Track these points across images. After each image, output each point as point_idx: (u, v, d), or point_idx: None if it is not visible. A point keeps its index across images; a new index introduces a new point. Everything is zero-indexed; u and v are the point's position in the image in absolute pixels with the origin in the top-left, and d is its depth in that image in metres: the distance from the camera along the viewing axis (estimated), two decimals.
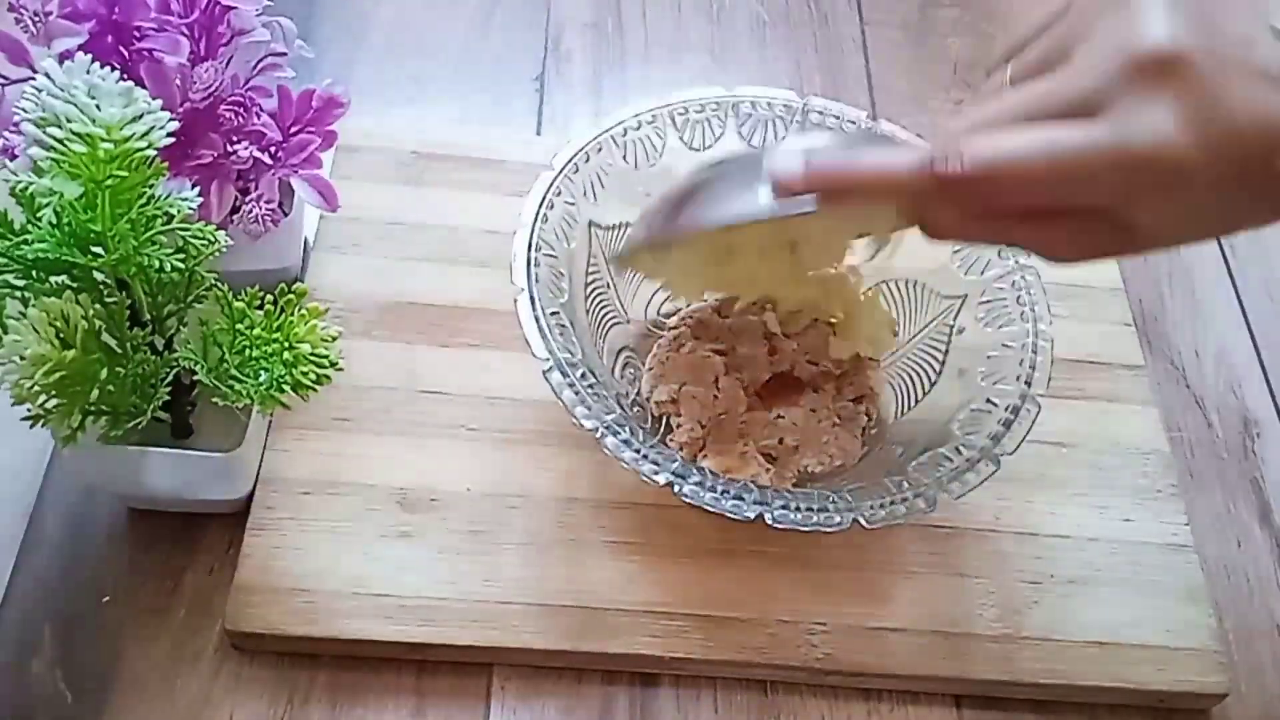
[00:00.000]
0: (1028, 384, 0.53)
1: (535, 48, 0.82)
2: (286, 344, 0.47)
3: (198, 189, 0.47)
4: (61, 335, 0.44)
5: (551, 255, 0.55)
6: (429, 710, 0.53)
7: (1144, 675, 0.56)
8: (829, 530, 0.48)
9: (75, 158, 0.42)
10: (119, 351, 0.47)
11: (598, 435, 0.49)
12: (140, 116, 0.44)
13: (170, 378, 0.49)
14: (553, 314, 0.53)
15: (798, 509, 0.49)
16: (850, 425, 0.60)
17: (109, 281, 0.47)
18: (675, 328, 0.62)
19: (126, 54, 0.51)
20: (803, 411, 0.60)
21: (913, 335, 0.61)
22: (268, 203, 0.55)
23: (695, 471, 0.50)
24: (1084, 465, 0.63)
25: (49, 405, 0.45)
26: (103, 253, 0.44)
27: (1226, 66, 0.34)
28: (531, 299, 0.52)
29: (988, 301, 0.57)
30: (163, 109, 0.45)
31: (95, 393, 0.45)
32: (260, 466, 0.57)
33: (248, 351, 0.47)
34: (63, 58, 0.46)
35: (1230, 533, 0.64)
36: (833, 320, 0.62)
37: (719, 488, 0.49)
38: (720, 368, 0.61)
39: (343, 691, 0.53)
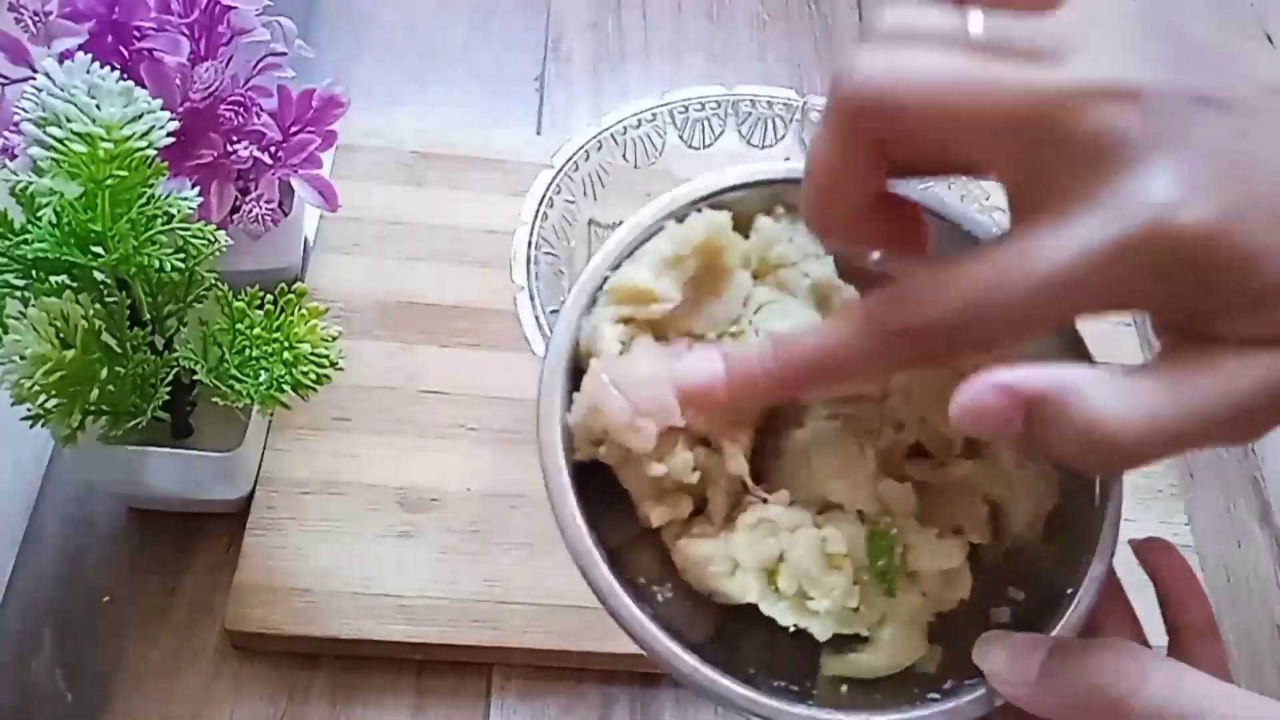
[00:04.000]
0: None
1: (535, 48, 0.82)
2: (286, 344, 0.47)
3: (198, 189, 0.47)
4: (61, 335, 0.44)
5: (551, 254, 0.55)
6: (429, 710, 0.53)
7: None
8: None
9: (75, 158, 0.42)
10: (119, 351, 0.47)
11: None
12: (140, 116, 0.44)
13: (170, 378, 0.49)
14: (553, 312, 0.52)
15: None
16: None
17: (109, 281, 0.47)
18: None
19: (126, 54, 0.51)
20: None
21: None
22: (268, 203, 0.55)
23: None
24: None
25: (49, 405, 0.45)
26: (103, 253, 0.44)
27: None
28: (531, 297, 0.52)
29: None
30: (163, 109, 0.45)
31: (95, 393, 0.45)
32: (260, 466, 0.57)
33: (248, 351, 0.47)
34: (63, 58, 0.46)
35: (1230, 533, 0.64)
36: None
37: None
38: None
39: (343, 691, 0.53)
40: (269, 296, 0.48)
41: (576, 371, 0.35)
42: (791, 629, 0.34)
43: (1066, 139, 0.26)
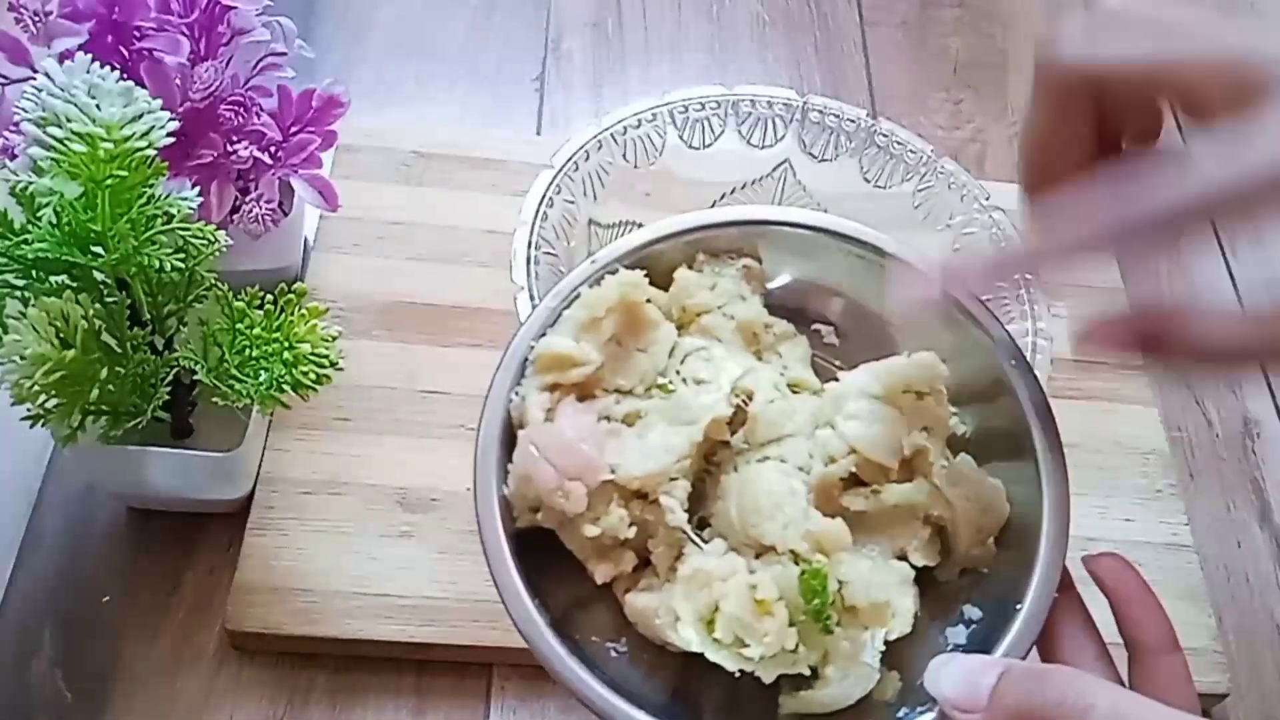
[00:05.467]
0: None
1: (535, 48, 0.82)
2: (286, 344, 0.47)
3: (198, 189, 0.47)
4: (61, 335, 0.44)
5: (551, 254, 0.55)
6: (429, 710, 0.53)
7: None
8: None
9: (75, 158, 0.42)
10: (119, 351, 0.47)
11: None
12: (140, 116, 0.44)
13: (170, 378, 0.49)
14: None
15: None
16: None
17: (109, 281, 0.47)
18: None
19: (126, 54, 0.51)
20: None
21: None
22: (268, 203, 0.55)
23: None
24: (1084, 465, 0.62)
25: (49, 405, 0.45)
26: (103, 253, 0.44)
27: None
28: (531, 297, 0.52)
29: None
30: (163, 109, 0.45)
31: (95, 393, 0.45)
32: (260, 466, 0.57)
33: (248, 351, 0.47)
34: (63, 58, 0.46)
35: (1230, 533, 0.64)
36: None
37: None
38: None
39: (343, 691, 0.53)
40: (269, 296, 0.48)
41: (511, 442, 0.36)
42: (738, 674, 0.34)
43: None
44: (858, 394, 0.38)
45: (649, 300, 0.39)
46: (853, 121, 0.61)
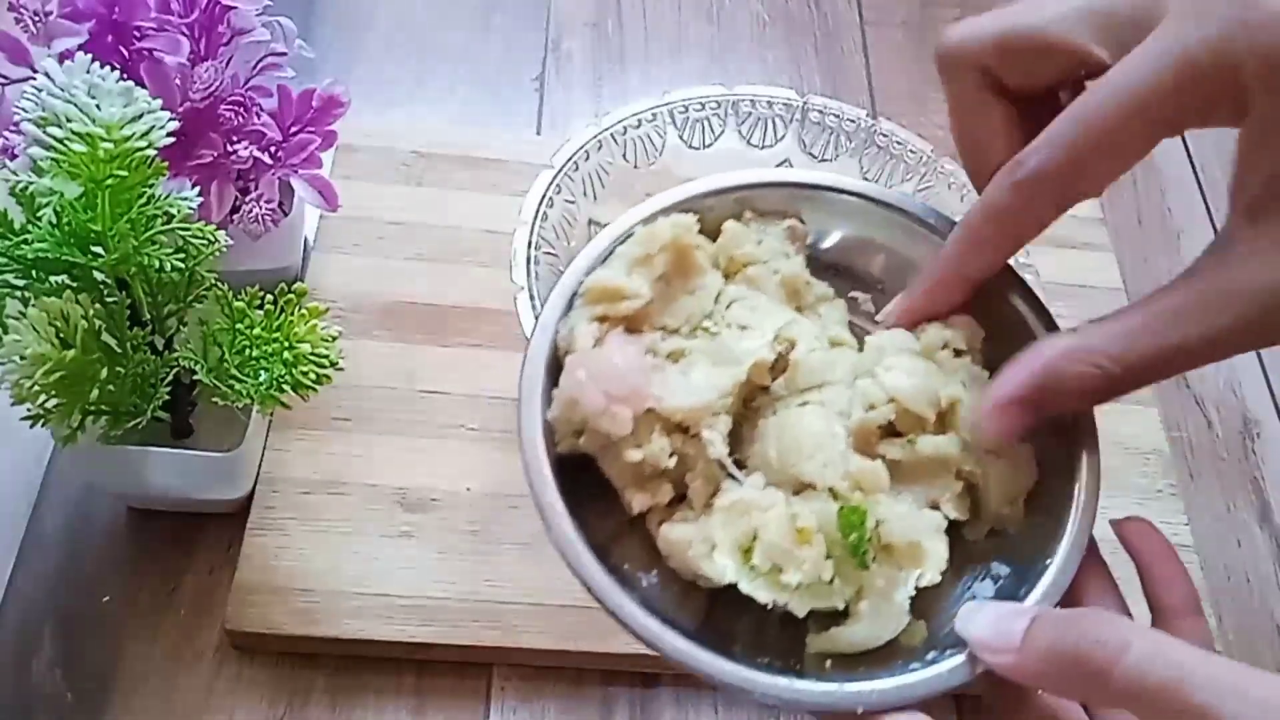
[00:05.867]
0: None
1: (535, 48, 0.82)
2: (286, 344, 0.47)
3: (198, 189, 0.47)
4: (61, 335, 0.44)
5: (551, 254, 0.55)
6: (429, 710, 0.53)
7: None
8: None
9: (75, 158, 0.42)
10: (119, 351, 0.47)
11: None
12: (140, 116, 0.44)
13: (170, 378, 0.49)
14: None
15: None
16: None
17: (109, 281, 0.47)
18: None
19: (126, 54, 0.51)
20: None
21: None
22: (268, 203, 0.55)
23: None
24: None
25: (49, 405, 0.45)
26: (103, 253, 0.44)
27: None
28: (531, 297, 0.52)
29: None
30: (163, 109, 0.45)
31: (95, 393, 0.45)
32: (260, 466, 0.57)
33: (248, 351, 0.47)
34: (63, 58, 0.46)
35: (1230, 533, 0.64)
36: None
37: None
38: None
39: (343, 691, 0.53)
40: (269, 296, 0.48)
41: (556, 371, 0.36)
42: (770, 606, 0.34)
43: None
44: (897, 349, 0.38)
45: (698, 247, 0.39)
46: (853, 121, 0.61)
